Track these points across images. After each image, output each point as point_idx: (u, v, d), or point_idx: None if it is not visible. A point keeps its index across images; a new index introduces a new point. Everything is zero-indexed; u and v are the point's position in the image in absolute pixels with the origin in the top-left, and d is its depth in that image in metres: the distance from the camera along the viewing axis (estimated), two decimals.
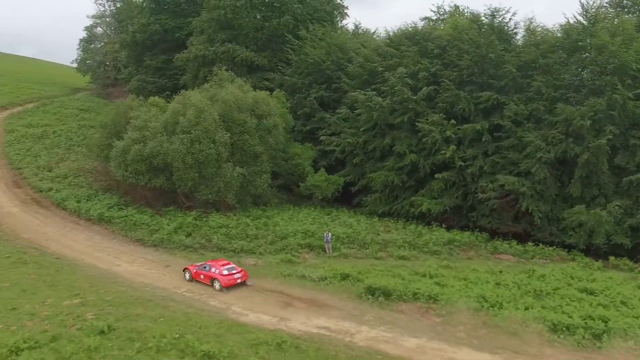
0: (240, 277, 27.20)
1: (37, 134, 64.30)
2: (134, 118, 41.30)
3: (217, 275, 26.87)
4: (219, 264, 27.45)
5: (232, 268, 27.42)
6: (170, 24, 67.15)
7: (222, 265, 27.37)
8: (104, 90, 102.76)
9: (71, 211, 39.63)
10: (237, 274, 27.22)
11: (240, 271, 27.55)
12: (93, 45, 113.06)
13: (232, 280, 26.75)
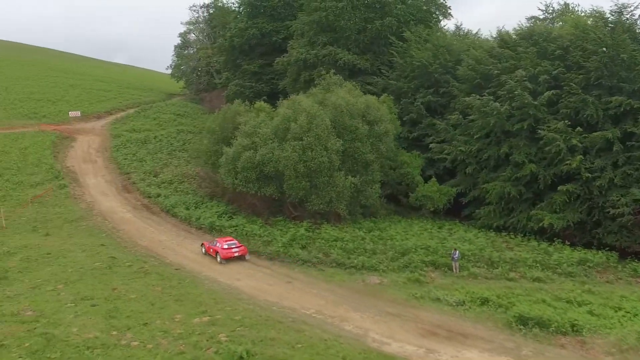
0: (237, 251, 31.81)
1: (140, 139, 66.13)
2: (242, 124, 40.70)
3: (218, 249, 31.69)
4: (223, 240, 32.29)
5: (233, 244, 32.13)
6: (267, 28, 67.03)
7: (225, 241, 32.21)
8: (197, 95, 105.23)
9: (181, 218, 39.59)
10: (235, 248, 31.82)
11: (239, 247, 32.14)
12: (186, 51, 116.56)
13: (229, 253, 31.48)
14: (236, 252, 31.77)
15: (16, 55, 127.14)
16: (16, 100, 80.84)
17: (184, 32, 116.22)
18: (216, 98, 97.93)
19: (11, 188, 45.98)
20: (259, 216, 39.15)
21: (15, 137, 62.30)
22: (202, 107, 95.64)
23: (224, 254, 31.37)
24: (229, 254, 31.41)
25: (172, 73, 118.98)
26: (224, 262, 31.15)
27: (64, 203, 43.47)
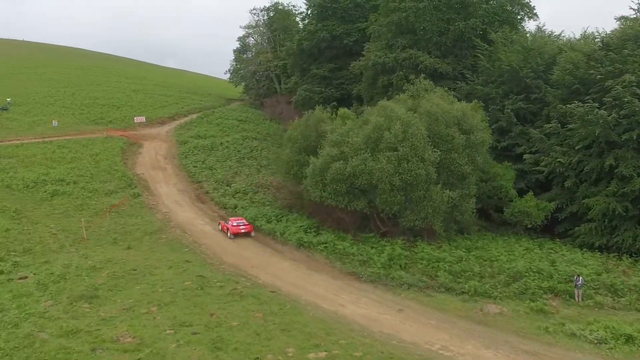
0: (244, 229, 38.18)
1: (206, 146, 65.23)
2: (328, 132, 38.58)
3: (229, 226, 38.25)
4: (234, 219, 39.16)
5: (241, 222, 38.71)
6: (337, 30, 65.04)
7: (235, 219, 39.08)
8: (256, 100, 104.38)
9: (265, 232, 37.70)
10: (243, 226, 38.28)
11: (246, 225, 38.60)
12: (245, 55, 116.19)
13: (237, 229, 37.91)
14: (243, 229, 38.11)
15: (76, 60, 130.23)
16: (83, 105, 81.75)
17: (243, 36, 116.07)
18: (277, 103, 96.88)
19: (87, 196, 45.39)
20: (345, 231, 36.90)
21: (85, 143, 62.38)
22: (263, 113, 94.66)
23: (233, 230, 37.79)
24: (237, 230, 37.84)
25: (230, 78, 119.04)
26: (232, 236, 37.73)
27: (140, 213, 42.44)
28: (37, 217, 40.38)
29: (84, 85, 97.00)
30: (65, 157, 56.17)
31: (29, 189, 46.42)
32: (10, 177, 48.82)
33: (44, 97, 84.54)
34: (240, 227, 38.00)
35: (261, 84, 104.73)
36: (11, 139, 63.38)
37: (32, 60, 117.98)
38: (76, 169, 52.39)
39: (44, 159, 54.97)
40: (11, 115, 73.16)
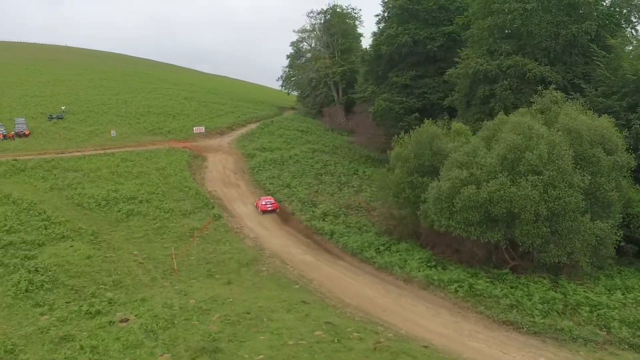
0: (270, 207, 46.04)
1: (276, 160, 62.13)
2: (449, 151, 34.63)
3: (258, 204, 46.32)
4: (264, 199, 47.33)
5: (269, 201, 46.55)
6: (420, 35, 61.09)
7: (265, 199, 47.19)
8: (313, 109, 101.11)
9: (378, 266, 33.85)
10: (270, 205, 46.12)
11: (273, 203, 46.35)
12: (299, 61, 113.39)
13: (264, 207, 45.88)
14: (270, 207, 46.32)
15: (121, 66, 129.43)
16: (137, 114, 79.80)
17: (297, 41, 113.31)
18: (337, 113, 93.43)
19: (164, 217, 42.39)
20: (469, 265, 32.81)
21: (148, 156, 59.89)
22: (322, 123, 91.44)
23: (262, 207, 46.10)
24: (265, 208, 46.00)
25: (282, 85, 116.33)
26: (261, 213, 45.87)
27: (227, 238, 39.18)
28: (117, 242, 37.43)
29: (134, 92, 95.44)
30: (131, 172, 53.57)
31: (101, 208, 43.71)
32: (79, 193, 46.29)
33: (97, 105, 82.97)
34: (267, 206, 46.27)
35: (318, 92, 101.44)
36: (72, 150, 61.38)
37: (78, 67, 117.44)
38: (145, 185, 49.62)
39: (110, 173, 52.46)
40: (67, 125, 71.47)
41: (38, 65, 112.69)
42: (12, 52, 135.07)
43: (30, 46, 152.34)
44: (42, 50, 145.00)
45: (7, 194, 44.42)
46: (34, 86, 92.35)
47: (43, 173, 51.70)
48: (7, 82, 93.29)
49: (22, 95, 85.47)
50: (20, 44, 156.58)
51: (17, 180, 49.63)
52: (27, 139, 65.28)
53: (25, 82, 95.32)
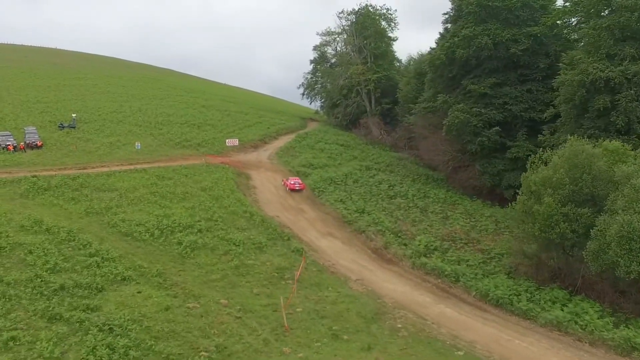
0: (298, 187, 52.87)
1: (332, 179, 56.21)
2: (628, 176, 28.66)
3: (286, 183, 53.71)
4: (292, 179, 54.68)
5: (297, 182, 53.60)
6: (503, 36, 55.42)
7: (293, 179, 54.41)
8: (345, 120, 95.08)
9: (542, 322, 27.56)
10: (297, 184, 53.16)
11: (300, 184, 53.44)
12: (322, 66, 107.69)
13: (291, 185, 52.98)
14: (298, 187, 52.50)
15: (122, 71, 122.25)
16: (157, 123, 73.14)
17: (321, 44, 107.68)
18: (374, 125, 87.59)
19: (238, 253, 35.84)
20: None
21: (187, 173, 53.32)
22: (357, 136, 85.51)
23: (291, 186, 52.54)
24: (293, 187, 52.32)
25: (305, 93, 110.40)
26: (289, 190, 52.06)
27: (327, 281, 32.83)
28: (193, 286, 30.77)
29: (146, 99, 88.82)
30: (174, 192, 46.94)
31: (155, 239, 37.01)
32: (122, 219, 39.56)
33: (109, 112, 76.15)
34: (295, 185, 52.85)
35: (350, 102, 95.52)
36: (95, 164, 54.60)
37: (78, 71, 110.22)
38: (198, 210, 43.11)
39: (149, 194, 45.80)
40: (82, 135, 64.56)
41: (34, 69, 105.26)
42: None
43: (17, 48, 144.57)
44: (31, 52, 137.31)
45: (38, 219, 37.53)
46: (34, 91, 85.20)
47: (71, 193, 44.83)
48: (4, 87, 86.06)
49: (23, 101, 78.29)
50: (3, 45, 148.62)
51: (43, 201, 42.71)
52: (40, 150, 58.19)
53: (24, 86, 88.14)
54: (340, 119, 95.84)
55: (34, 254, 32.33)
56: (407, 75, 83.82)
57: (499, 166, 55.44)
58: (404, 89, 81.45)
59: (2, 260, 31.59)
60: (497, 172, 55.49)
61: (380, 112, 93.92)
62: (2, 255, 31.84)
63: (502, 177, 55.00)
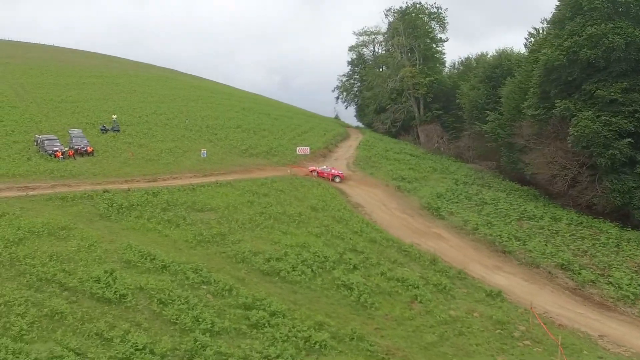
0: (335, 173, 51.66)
1: (444, 195, 47.73)
2: None
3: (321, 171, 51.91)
4: (334, 169, 53.12)
5: (337, 176, 51.12)
6: (636, 36, 48.01)
7: (333, 169, 53.01)
8: (394, 126, 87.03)
9: None
10: (337, 175, 51.29)
11: (339, 174, 51.86)
12: (358, 67, 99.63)
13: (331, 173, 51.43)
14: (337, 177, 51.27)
15: (133, 69, 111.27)
16: (208, 128, 64.31)
17: (357, 45, 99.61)
18: (434, 133, 79.78)
19: (427, 299, 27.10)
20: None
21: (280, 187, 44.75)
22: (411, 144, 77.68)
23: (328, 175, 51.43)
24: (335, 174, 51.45)
25: (340, 96, 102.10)
26: (339, 180, 50.83)
27: (573, 345, 24.25)
28: (417, 356, 21.88)
29: (179, 99, 79.61)
30: (285, 213, 38.23)
31: (310, 280, 28.35)
32: (249, 251, 30.76)
33: (148, 114, 66.84)
34: (332, 172, 51.53)
35: (400, 107, 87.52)
36: (165, 176, 45.23)
37: (89, 68, 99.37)
38: (331, 237, 34.52)
39: (257, 215, 37.02)
40: (131, 139, 55.02)
41: (41, 66, 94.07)
42: None
43: (15, 44, 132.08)
44: (32, 49, 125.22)
45: (145, 252, 28.33)
46: (54, 89, 74.73)
47: (163, 214, 35.62)
48: (18, 83, 75.48)
49: (46, 100, 67.98)
50: None
51: (132, 224, 33.41)
52: (92, 157, 48.42)
53: (40, 84, 77.51)
54: (390, 124, 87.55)
55: (171, 306, 23.28)
56: (473, 79, 76.08)
57: (629, 183, 47.95)
58: (471, 94, 73.76)
59: (128, 314, 22.47)
60: (628, 190, 47.95)
61: (430, 118, 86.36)
62: (126, 306, 22.82)
63: (633, 196, 47.53)
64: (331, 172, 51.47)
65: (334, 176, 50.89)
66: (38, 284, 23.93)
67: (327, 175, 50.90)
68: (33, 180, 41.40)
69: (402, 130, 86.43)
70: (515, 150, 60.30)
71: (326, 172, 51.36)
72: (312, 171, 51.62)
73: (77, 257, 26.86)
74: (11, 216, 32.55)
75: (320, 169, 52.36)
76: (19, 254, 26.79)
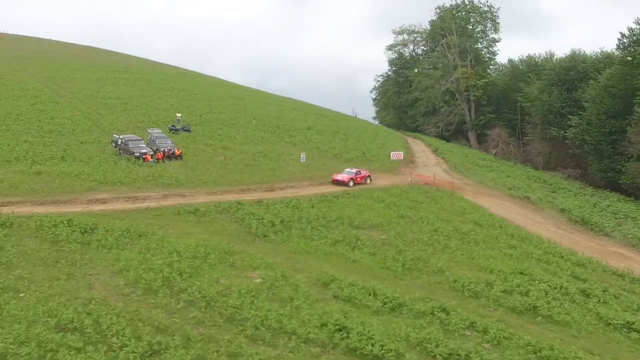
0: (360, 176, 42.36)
1: (585, 207, 42.52)
2: None
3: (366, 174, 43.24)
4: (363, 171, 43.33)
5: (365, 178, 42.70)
6: None
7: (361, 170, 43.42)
8: (448, 130, 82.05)
9: None
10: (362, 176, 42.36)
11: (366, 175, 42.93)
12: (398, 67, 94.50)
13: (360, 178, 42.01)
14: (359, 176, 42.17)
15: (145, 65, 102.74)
16: (279, 129, 57.91)
17: (395, 44, 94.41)
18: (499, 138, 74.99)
19: None
20: None
21: (418, 199, 38.72)
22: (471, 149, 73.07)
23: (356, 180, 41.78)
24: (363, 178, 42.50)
25: (377, 97, 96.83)
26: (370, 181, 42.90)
27: None
28: None
29: (225, 98, 72.73)
30: (459, 231, 32.86)
31: (570, 315, 22.38)
32: (460, 278, 24.74)
33: (205, 113, 60.27)
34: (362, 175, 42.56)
35: (454, 110, 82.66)
36: (280, 184, 39.38)
37: (110, 64, 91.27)
38: (534, 261, 28.77)
39: (433, 233, 31.41)
40: (210, 141, 48.62)
41: (61, 60, 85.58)
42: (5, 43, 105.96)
43: (15, 38, 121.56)
44: (33, 42, 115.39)
45: (360, 285, 22.62)
46: (88, 85, 67.03)
47: (325, 232, 29.60)
48: (47, 77, 68.02)
49: (87, 96, 60.47)
50: None
51: (302, 246, 27.71)
52: (180, 161, 41.79)
53: (70, 79, 69.73)
54: (444, 128, 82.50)
55: None
56: (540, 81, 71.69)
57: None
58: (542, 97, 69.33)
59: None
60: None
61: (483, 122, 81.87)
62: None
63: None
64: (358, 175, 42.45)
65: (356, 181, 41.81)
66: (264, 335, 17.85)
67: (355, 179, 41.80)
68: (138, 189, 34.65)
69: (462, 134, 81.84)
70: (605, 157, 56.27)
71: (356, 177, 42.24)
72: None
73: (274, 294, 20.87)
74: (153, 236, 26.06)
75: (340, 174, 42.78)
76: (210, 292, 20.52)
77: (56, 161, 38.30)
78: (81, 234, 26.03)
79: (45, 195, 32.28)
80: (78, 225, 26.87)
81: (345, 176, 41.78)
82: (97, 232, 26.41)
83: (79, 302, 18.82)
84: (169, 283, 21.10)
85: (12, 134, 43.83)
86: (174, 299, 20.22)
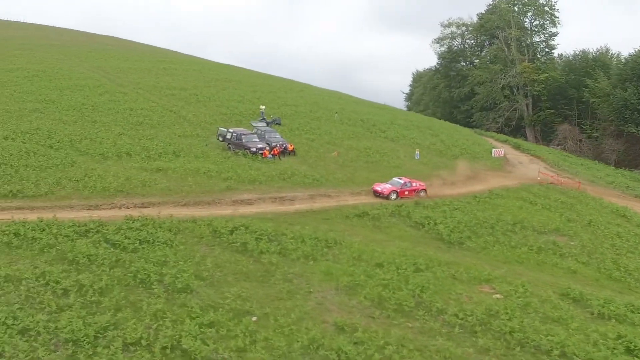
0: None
1: None
2: None
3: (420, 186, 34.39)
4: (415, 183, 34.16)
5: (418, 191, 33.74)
6: None
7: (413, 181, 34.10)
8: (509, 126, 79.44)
9: None
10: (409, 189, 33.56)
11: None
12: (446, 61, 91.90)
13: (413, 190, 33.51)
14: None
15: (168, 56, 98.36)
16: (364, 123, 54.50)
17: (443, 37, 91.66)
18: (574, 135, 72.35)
19: None
20: None
21: (559, 197, 36.24)
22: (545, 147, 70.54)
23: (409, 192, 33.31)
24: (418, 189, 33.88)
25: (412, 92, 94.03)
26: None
27: None
28: None
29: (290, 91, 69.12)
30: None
31: None
32: None
33: (285, 105, 57.44)
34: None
35: (515, 105, 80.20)
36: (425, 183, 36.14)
37: (147, 54, 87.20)
38: None
39: (632, 247, 28.64)
40: (307, 135, 45.70)
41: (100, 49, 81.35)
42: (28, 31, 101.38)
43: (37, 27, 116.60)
44: (52, 31, 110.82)
45: None
46: (143, 75, 63.36)
47: (522, 239, 26.84)
48: (99, 66, 64.74)
49: (150, 87, 56.82)
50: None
51: (508, 254, 25.15)
52: (295, 157, 38.83)
53: (121, 69, 65.92)
54: (501, 124, 79.90)
55: None
56: (617, 77, 69.32)
57: None
58: (616, 93, 67.01)
59: None
60: None
61: (542, 119, 79.56)
62: None
63: None
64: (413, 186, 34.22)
65: None
66: None
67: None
68: (280, 189, 31.69)
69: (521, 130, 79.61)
70: None
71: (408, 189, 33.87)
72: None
73: (536, 312, 18.39)
74: (343, 244, 23.21)
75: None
76: (476, 312, 17.75)
77: (170, 156, 35.28)
78: (269, 242, 22.99)
79: (185, 196, 29.23)
80: (256, 232, 23.85)
81: (387, 187, 33.07)
82: (283, 239, 23.42)
83: (333, 329, 16.16)
84: (418, 302, 18.31)
85: (101, 125, 40.62)
86: (437, 321, 17.37)
